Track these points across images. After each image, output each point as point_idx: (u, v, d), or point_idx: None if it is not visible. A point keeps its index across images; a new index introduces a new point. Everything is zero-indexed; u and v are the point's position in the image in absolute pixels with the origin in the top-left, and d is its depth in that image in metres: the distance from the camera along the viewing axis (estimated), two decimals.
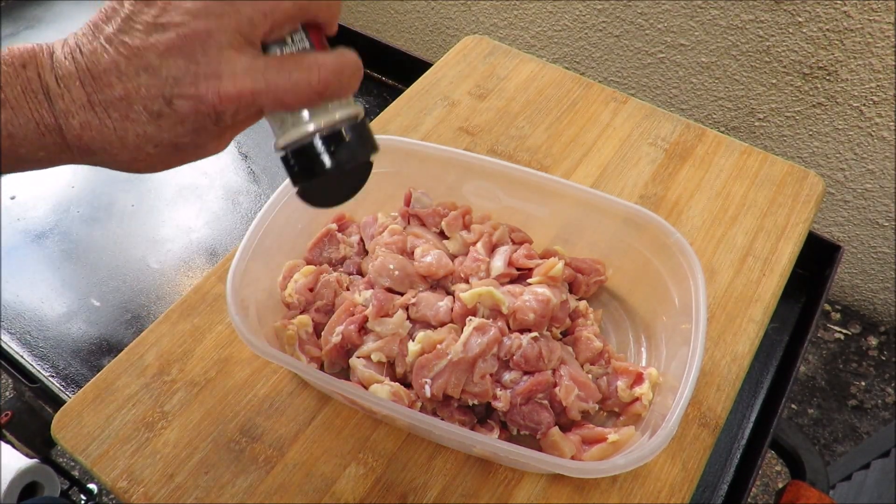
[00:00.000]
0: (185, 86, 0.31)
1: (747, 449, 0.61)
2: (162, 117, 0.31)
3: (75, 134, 0.32)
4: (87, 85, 0.31)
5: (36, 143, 0.32)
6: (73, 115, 0.31)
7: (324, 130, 0.34)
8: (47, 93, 0.31)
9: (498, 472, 0.52)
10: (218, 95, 0.31)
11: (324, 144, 0.34)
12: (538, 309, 0.53)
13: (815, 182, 0.72)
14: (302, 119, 0.34)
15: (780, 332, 0.70)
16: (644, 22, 1.41)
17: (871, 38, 1.20)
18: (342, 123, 0.35)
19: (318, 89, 0.32)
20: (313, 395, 0.56)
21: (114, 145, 0.32)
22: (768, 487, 1.38)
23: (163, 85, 0.31)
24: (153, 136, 0.32)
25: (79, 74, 0.31)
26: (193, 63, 0.30)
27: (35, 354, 0.67)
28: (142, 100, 0.31)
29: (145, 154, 0.33)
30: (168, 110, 0.31)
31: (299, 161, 0.35)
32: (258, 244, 0.53)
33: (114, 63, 0.31)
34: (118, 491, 0.50)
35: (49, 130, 0.32)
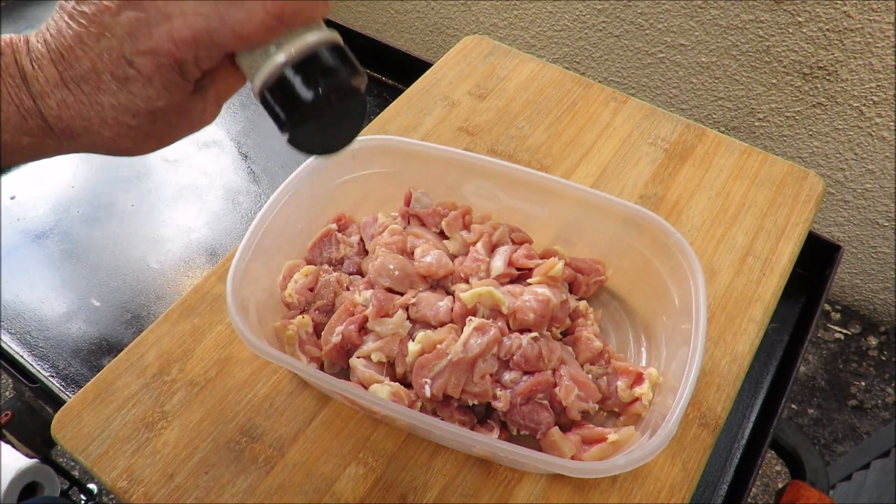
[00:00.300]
0: (140, 39, 0.30)
1: (747, 449, 0.62)
2: (129, 80, 0.31)
3: (54, 115, 0.32)
4: (57, 63, 0.31)
5: (19, 127, 0.32)
6: (48, 94, 0.31)
7: (294, 58, 0.31)
8: (24, 76, 0.31)
9: (498, 472, 0.52)
10: (172, 40, 0.30)
11: (298, 73, 0.31)
12: (538, 309, 0.53)
13: (815, 182, 0.72)
14: (269, 51, 0.31)
15: (780, 332, 0.70)
16: (644, 22, 1.41)
17: (871, 38, 1.20)
18: (315, 47, 0.31)
19: (275, 13, 0.30)
20: (313, 395, 0.56)
21: (93, 122, 0.32)
22: (768, 487, 1.38)
23: (121, 45, 0.30)
24: (128, 105, 0.32)
25: (50, 54, 0.31)
26: (143, 12, 0.30)
27: (35, 354, 0.67)
28: (107, 67, 0.31)
29: (126, 128, 0.32)
30: (132, 72, 0.31)
31: (278, 99, 0.32)
32: (258, 244, 0.53)
33: (77, 36, 0.31)
34: (118, 491, 0.50)
35: (30, 114, 0.32)
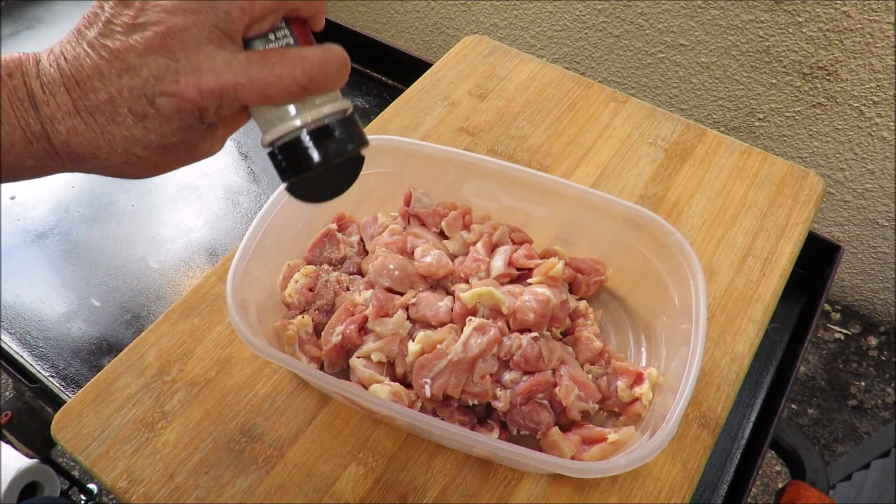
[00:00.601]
0: (166, 84, 0.31)
1: (747, 449, 0.62)
2: (147, 118, 0.31)
3: (62, 140, 0.32)
4: (71, 90, 0.31)
5: (23, 150, 0.32)
6: (59, 120, 0.31)
7: (310, 125, 0.33)
8: (33, 100, 0.31)
9: (498, 472, 0.52)
10: (199, 91, 0.31)
11: (311, 139, 0.34)
12: (538, 309, 0.53)
13: (815, 182, 0.72)
14: (288, 114, 0.33)
15: (780, 332, 0.70)
16: (644, 22, 1.41)
17: (871, 38, 1.20)
18: (329, 118, 0.34)
19: (302, 83, 0.32)
20: (313, 395, 0.56)
21: (102, 150, 0.32)
22: (768, 487, 1.38)
23: (144, 85, 0.31)
24: (141, 139, 0.32)
25: (63, 80, 0.31)
26: (173, 60, 0.30)
27: (35, 354, 0.67)
28: (126, 102, 0.31)
29: (135, 157, 0.33)
30: (152, 110, 0.31)
31: (286, 156, 0.34)
32: (258, 244, 0.53)
33: (96, 67, 0.31)
34: (118, 491, 0.50)
35: (36, 137, 0.32)
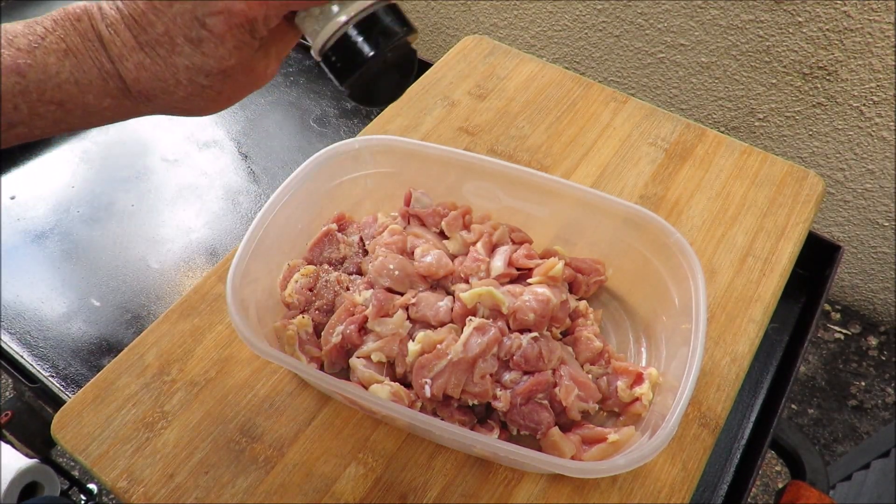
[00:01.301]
0: (212, 2, 0.32)
1: (747, 449, 0.61)
2: (202, 42, 0.33)
3: (132, 77, 0.33)
4: (132, 28, 0.33)
5: (100, 89, 0.34)
6: (125, 57, 0.33)
7: (356, 18, 0.34)
8: (101, 40, 0.33)
9: (498, 472, 0.52)
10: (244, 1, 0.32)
11: (359, 32, 0.34)
12: (538, 309, 0.53)
13: (815, 182, 0.72)
14: (332, 12, 0.34)
15: (780, 332, 0.70)
16: (644, 22, 1.41)
17: (871, 38, 1.20)
18: (373, 7, 0.34)
19: None
20: (313, 395, 0.56)
21: (169, 83, 0.34)
22: (768, 487, 1.38)
23: (194, 8, 0.32)
24: (201, 66, 0.33)
25: (123, 20, 0.33)
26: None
27: (35, 354, 0.67)
28: (180, 30, 0.32)
29: (199, 87, 0.34)
30: (205, 33, 0.32)
31: (339, 56, 0.35)
32: (258, 244, 0.53)
33: (149, 2, 0.32)
34: (118, 491, 0.50)
35: (110, 76, 0.33)
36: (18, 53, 0.32)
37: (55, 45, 0.33)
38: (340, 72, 0.35)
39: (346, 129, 0.89)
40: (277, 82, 0.95)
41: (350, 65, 0.35)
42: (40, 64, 0.32)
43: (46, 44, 0.33)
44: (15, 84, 0.32)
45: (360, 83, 0.36)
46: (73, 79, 0.33)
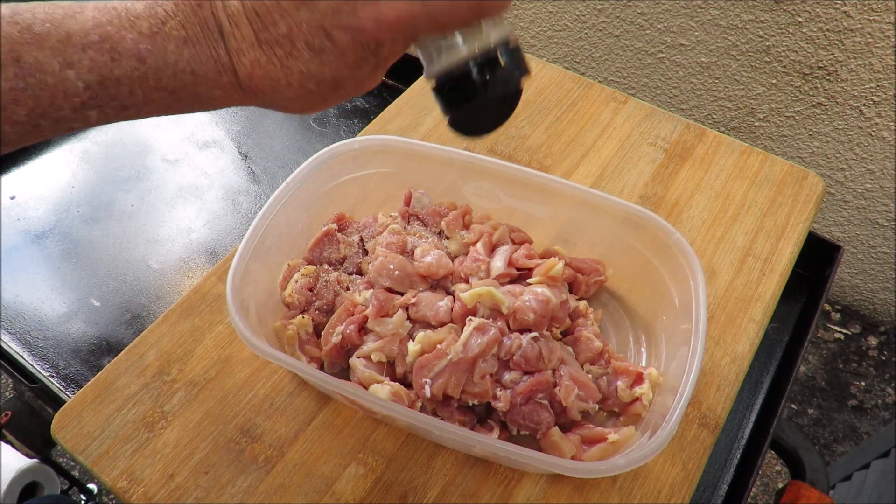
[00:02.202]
0: (343, 16, 0.31)
1: (747, 449, 0.61)
2: (324, 52, 0.32)
3: (246, 72, 0.33)
4: (253, 23, 0.32)
5: (213, 81, 0.33)
6: (243, 53, 0.32)
7: (480, 55, 0.33)
8: (221, 31, 0.32)
9: (498, 472, 0.52)
10: (376, 23, 0.31)
11: (479, 69, 0.34)
12: (538, 309, 0.53)
13: (815, 182, 0.72)
14: (457, 43, 0.33)
15: (780, 332, 0.70)
16: (644, 22, 1.41)
17: (871, 38, 1.20)
18: (497, 46, 0.34)
19: (475, 8, 0.31)
20: (313, 395, 0.56)
21: (280, 83, 0.33)
22: (768, 487, 1.38)
23: (322, 18, 0.31)
24: (315, 73, 0.33)
25: (246, 13, 0.32)
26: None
27: (35, 354, 0.67)
28: (303, 35, 0.31)
29: (307, 91, 0.33)
30: (328, 44, 0.32)
31: (454, 88, 0.34)
32: (258, 244, 0.53)
33: (275, 1, 0.31)
34: (118, 491, 0.50)
35: (224, 69, 0.33)
36: (140, 38, 0.31)
37: (175, 32, 0.32)
38: (450, 102, 0.35)
39: (346, 129, 0.89)
40: None
41: (462, 98, 0.34)
42: (160, 50, 0.32)
43: (167, 29, 0.32)
44: (134, 69, 0.31)
45: (465, 116, 0.36)
46: (190, 68, 0.32)
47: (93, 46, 0.30)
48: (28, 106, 0.30)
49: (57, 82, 0.30)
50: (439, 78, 0.35)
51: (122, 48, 0.31)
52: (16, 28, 0.30)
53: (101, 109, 0.32)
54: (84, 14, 0.31)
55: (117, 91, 0.31)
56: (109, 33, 0.31)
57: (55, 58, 0.30)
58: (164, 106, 0.33)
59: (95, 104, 0.31)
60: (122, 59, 0.31)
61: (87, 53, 0.30)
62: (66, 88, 0.30)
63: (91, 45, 0.30)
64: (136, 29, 0.31)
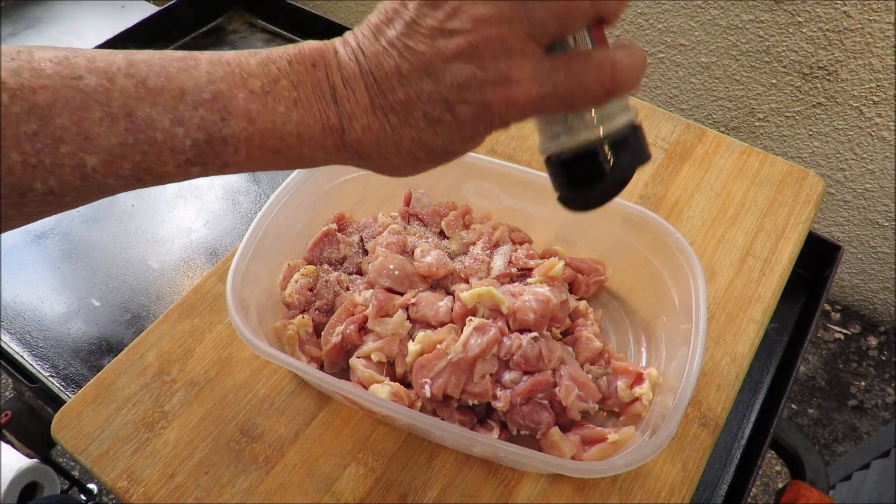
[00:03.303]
0: (470, 92, 0.30)
1: (747, 449, 0.61)
2: (441, 123, 0.31)
3: (356, 137, 0.32)
4: (370, 88, 0.31)
5: (319, 143, 0.32)
6: (356, 117, 0.31)
7: (607, 136, 0.32)
8: (334, 93, 0.31)
9: (498, 472, 0.52)
10: (505, 103, 0.30)
11: (605, 151, 0.32)
12: (538, 309, 0.53)
13: (815, 182, 0.72)
14: (584, 123, 0.32)
15: (780, 332, 0.70)
16: (644, 22, 1.41)
17: (871, 38, 1.20)
18: (625, 127, 0.32)
19: (608, 88, 0.30)
20: (313, 395, 0.56)
21: (389, 150, 0.32)
22: (768, 487, 1.38)
23: (446, 91, 0.30)
24: (427, 143, 0.31)
25: (363, 77, 0.31)
26: (481, 69, 0.29)
27: (35, 354, 0.67)
28: (422, 105, 0.30)
29: (415, 159, 0.32)
30: (448, 117, 0.30)
31: (575, 168, 0.33)
32: (258, 244, 0.53)
33: (396, 68, 0.30)
34: (118, 491, 0.50)
35: (332, 132, 0.32)
36: (251, 97, 0.31)
37: (286, 93, 0.31)
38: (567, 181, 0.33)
39: None
40: None
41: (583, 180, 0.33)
42: (270, 111, 0.31)
43: (279, 88, 0.31)
44: (242, 130, 0.31)
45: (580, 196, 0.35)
46: (297, 131, 0.31)
47: (204, 104, 0.30)
48: (134, 161, 0.30)
49: (165, 139, 0.30)
50: (559, 155, 0.33)
51: (233, 108, 0.30)
52: (131, 82, 0.29)
53: (204, 166, 0.31)
54: (198, 68, 0.30)
55: (222, 150, 0.31)
56: (222, 91, 0.30)
57: (166, 114, 0.29)
58: (264, 164, 0.32)
59: (199, 161, 0.31)
60: (231, 119, 0.30)
61: (198, 111, 0.30)
62: (173, 145, 0.30)
63: (203, 103, 0.30)
64: (248, 87, 0.31)
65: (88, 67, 0.29)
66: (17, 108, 0.28)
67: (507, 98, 0.30)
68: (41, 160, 0.28)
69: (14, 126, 0.28)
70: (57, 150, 0.28)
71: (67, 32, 1.04)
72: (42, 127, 0.28)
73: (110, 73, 0.29)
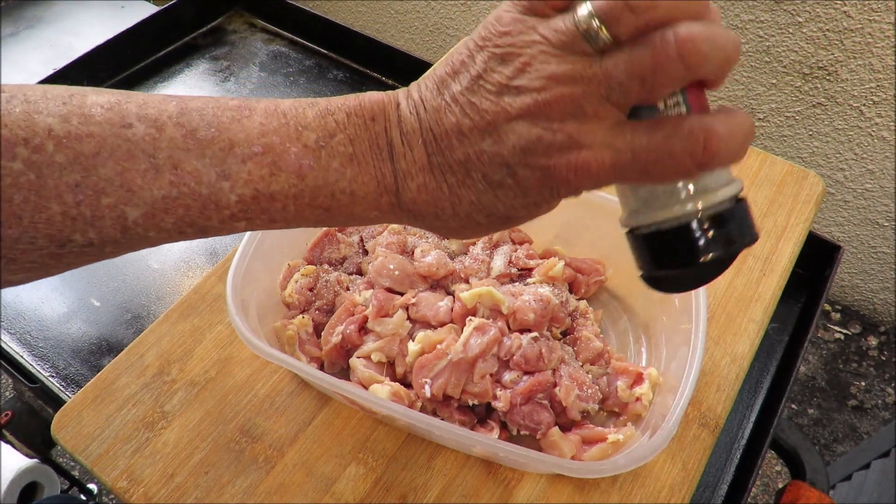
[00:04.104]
0: (534, 156, 0.27)
1: (747, 449, 0.61)
2: (502, 187, 0.28)
3: (411, 197, 0.30)
4: (428, 145, 0.29)
5: (373, 202, 0.30)
6: (412, 176, 0.29)
7: (702, 213, 0.27)
8: (391, 149, 0.29)
9: (498, 472, 0.52)
10: (573, 169, 0.27)
11: (698, 230, 0.27)
12: (538, 309, 0.53)
13: (815, 182, 0.72)
14: (673, 196, 0.27)
15: (780, 332, 0.70)
16: None
17: (871, 38, 1.20)
18: (728, 205, 0.28)
19: (700, 160, 0.26)
20: (313, 395, 0.56)
21: (446, 212, 0.30)
22: (768, 487, 1.38)
23: (509, 154, 0.27)
24: (487, 206, 0.29)
25: (422, 133, 0.29)
26: (548, 132, 0.26)
27: (35, 354, 0.67)
28: (482, 167, 0.28)
29: (474, 223, 0.30)
30: (510, 181, 0.28)
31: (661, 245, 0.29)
32: (258, 244, 0.53)
33: (457, 125, 0.28)
34: (118, 491, 0.50)
35: (387, 190, 0.30)
36: (304, 152, 0.29)
37: (342, 148, 0.29)
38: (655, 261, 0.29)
39: None
40: (278, 82, 0.95)
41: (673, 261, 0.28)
42: (323, 167, 0.29)
43: (334, 143, 0.29)
44: (292, 186, 0.29)
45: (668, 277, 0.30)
46: (350, 189, 0.29)
47: (253, 158, 0.28)
48: (177, 214, 0.28)
49: (210, 193, 0.28)
50: (646, 230, 0.29)
51: (284, 163, 0.29)
52: (180, 132, 0.28)
53: (249, 221, 0.30)
54: (252, 119, 0.29)
55: (269, 206, 0.29)
56: (273, 144, 0.29)
57: (213, 168, 0.28)
58: (314, 220, 0.31)
59: (245, 216, 0.29)
60: (280, 175, 0.29)
61: (246, 166, 0.28)
62: (218, 200, 0.28)
63: (252, 157, 0.28)
64: (301, 141, 0.29)
65: (139, 115, 0.28)
66: (61, 158, 0.26)
67: (574, 165, 0.27)
68: (81, 212, 0.27)
69: (57, 176, 0.26)
70: (98, 202, 0.27)
71: (67, 32, 1.04)
72: (85, 178, 0.27)
73: (160, 122, 0.28)
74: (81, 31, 1.05)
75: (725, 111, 0.26)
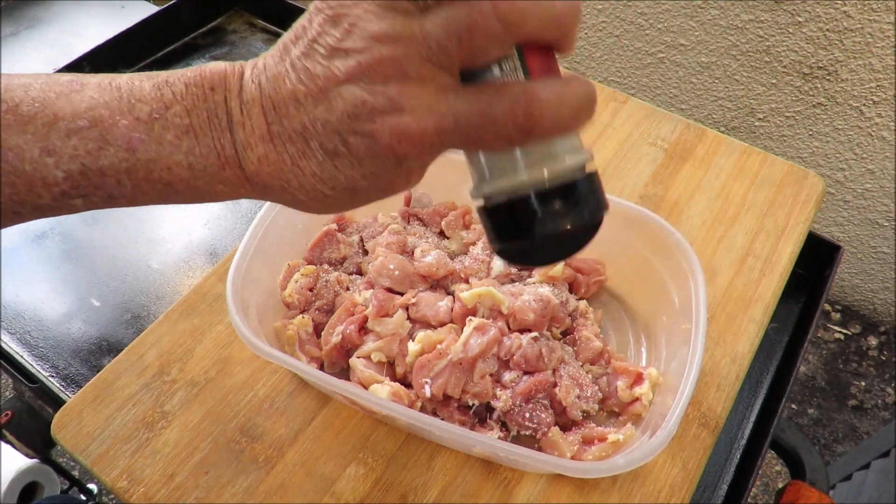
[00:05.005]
0: (360, 122, 0.26)
1: (747, 449, 0.61)
2: (338, 157, 0.27)
3: (253, 168, 0.29)
4: (267, 113, 0.28)
5: (215, 175, 0.29)
6: (252, 146, 0.28)
7: (543, 183, 0.26)
8: (230, 120, 0.28)
9: (498, 472, 0.52)
10: (396, 135, 0.26)
11: (542, 200, 0.26)
12: (538, 309, 0.53)
13: (815, 182, 0.72)
14: (514, 164, 0.26)
15: (780, 332, 0.70)
16: (644, 22, 1.41)
17: (871, 38, 1.20)
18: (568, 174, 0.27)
19: (522, 126, 0.25)
20: (313, 395, 0.56)
21: (291, 184, 0.29)
22: (768, 487, 1.38)
23: (338, 120, 0.26)
24: (329, 178, 0.28)
25: (262, 101, 0.28)
26: (371, 95, 0.25)
27: (35, 354, 0.67)
28: (318, 135, 0.27)
29: (322, 195, 0.29)
30: (343, 150, 0.27)
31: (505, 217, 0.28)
32: (258, 244, 0.53)
33: (293, 92, 0.27)
34: (118, 491, 0.50)
35: (228, 163, 0.29)
36: (136, 125, 0.28)
37: (177, 119, 0.28)
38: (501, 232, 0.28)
39: None
40: None
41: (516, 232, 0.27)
42: (156, 140, 0.28)
43: (169, 115, 0.28)
44: (122, 160, 0.28)
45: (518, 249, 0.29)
46: (187, 162, 0.28)
47: (79, 133, 0.27)
48: (5, 193, 0.28)
49: (34, 170, 0.27)
50: (490, 201, 0.28)
51: (112, 136, 0.28)
52: (2, 107, 0.27)
53: (86, 198, 0.29)
54: (82, 94, 0.28)
55: (102, 181, 0.28)
56: (102, 117, 0.28)
57: (36, 144, 0.27)
58: (159, 198, 0.30)
59: (78, 193, 0.29)
60: (109, 149, 0.28)
61: (70, 140, 0.27)
62: (44, 177, 0.28)
63: (77, 132, 0.27)
64: (133, 114, 0.28)
65: None
66: None
67: (397, 130, 0.26)
68: None
69: None
70: None
71: (67, 32, 1.04)
72: None
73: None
74: (81, 31, 1.05)
75: (561, 78, 0.26)
